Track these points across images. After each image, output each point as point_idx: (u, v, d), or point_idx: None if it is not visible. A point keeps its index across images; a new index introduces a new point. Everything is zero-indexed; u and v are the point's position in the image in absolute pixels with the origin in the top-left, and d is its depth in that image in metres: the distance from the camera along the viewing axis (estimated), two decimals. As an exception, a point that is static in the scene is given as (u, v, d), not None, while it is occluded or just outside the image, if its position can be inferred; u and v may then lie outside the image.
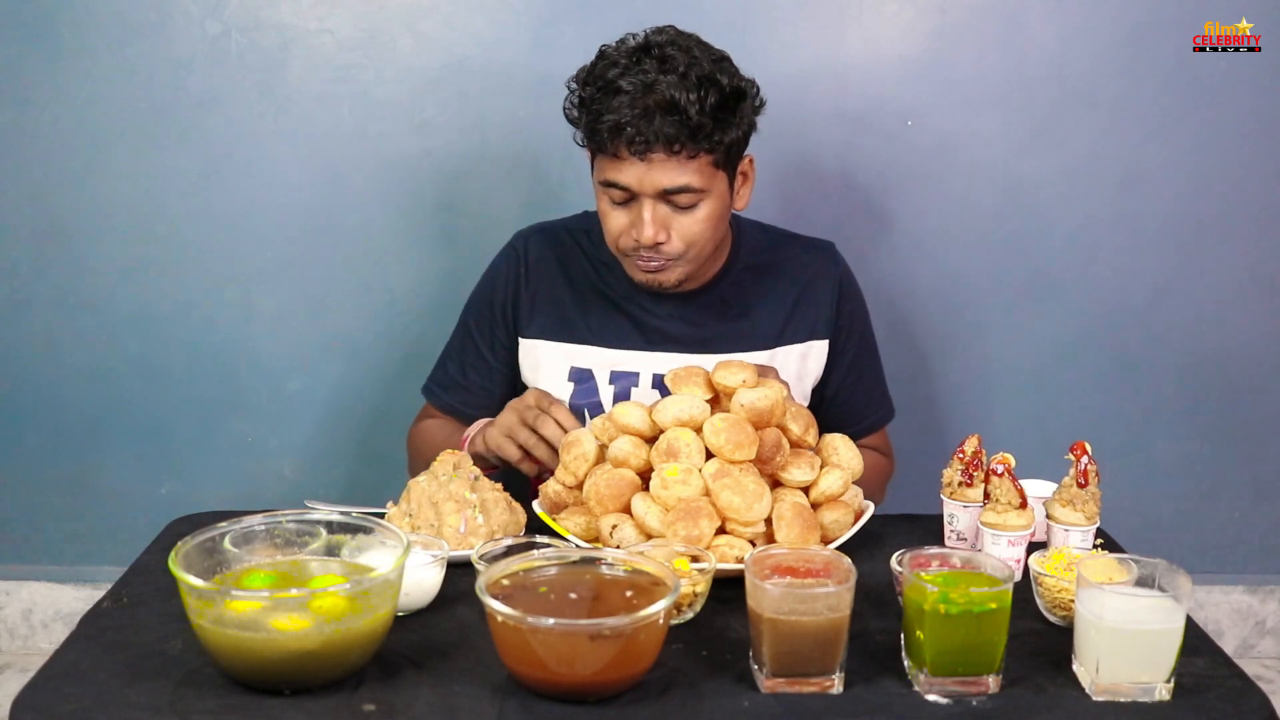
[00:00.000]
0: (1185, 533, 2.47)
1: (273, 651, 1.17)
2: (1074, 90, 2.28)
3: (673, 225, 1.72)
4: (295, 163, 2.31)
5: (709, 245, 1.77)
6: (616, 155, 1.68)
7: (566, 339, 1.88)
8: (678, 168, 1.67)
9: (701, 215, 1.72)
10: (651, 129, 1.63)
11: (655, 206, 1.70)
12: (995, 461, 1.49)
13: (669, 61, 1.66)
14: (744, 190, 1.83)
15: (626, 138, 1.64)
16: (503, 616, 1.17)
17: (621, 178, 1.69)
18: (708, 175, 1.70)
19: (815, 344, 1.91)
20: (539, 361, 1.90)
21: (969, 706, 1.21)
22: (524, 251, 1.92)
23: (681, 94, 1.63)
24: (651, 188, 1.68)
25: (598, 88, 1.67)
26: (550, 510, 1.60)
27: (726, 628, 1.35)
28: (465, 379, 1.94)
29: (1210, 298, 2.38)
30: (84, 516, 2.47)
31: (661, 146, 1.65)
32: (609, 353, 1.88)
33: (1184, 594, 1.23)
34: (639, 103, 1.63)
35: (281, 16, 2.25)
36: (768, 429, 1.53)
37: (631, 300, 1.88)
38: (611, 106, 1.64)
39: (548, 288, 1.90)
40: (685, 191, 1.69)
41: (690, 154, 1.67)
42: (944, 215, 2.34)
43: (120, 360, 2.39)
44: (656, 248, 1.73)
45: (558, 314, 1.89)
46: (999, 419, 2.40)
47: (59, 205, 2.32)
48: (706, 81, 1.65)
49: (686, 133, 1.64)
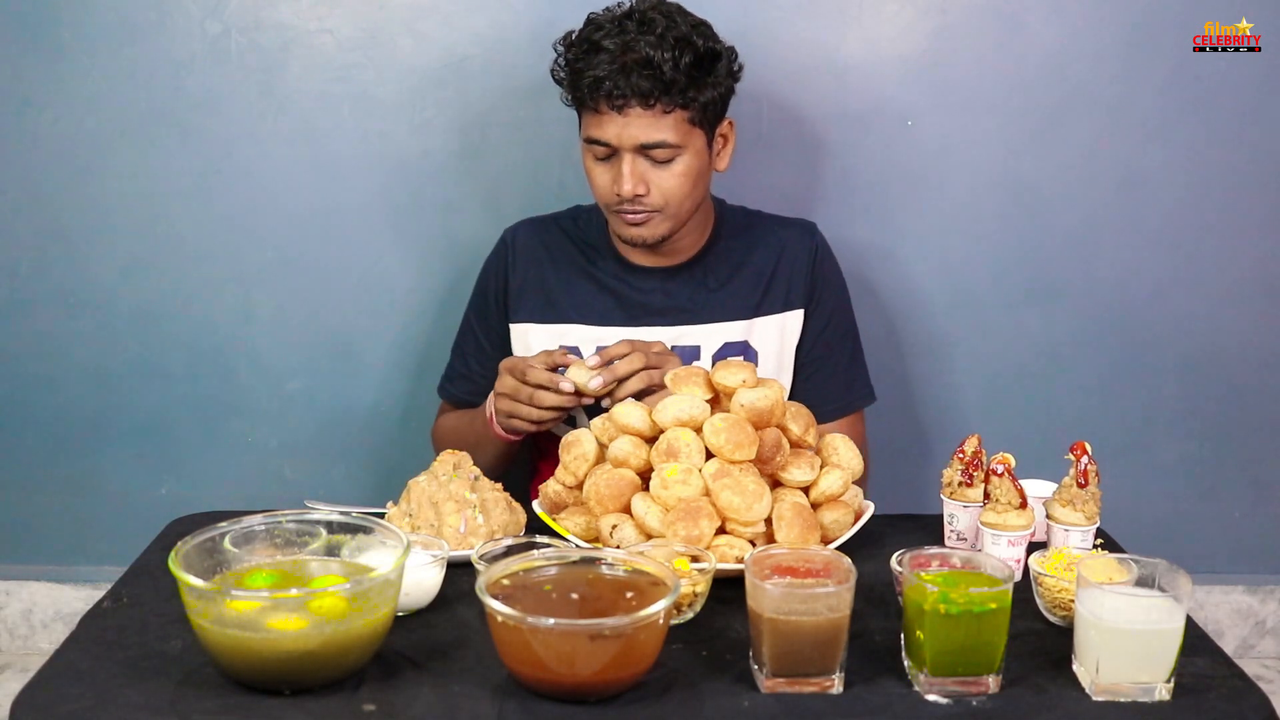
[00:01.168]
0: (1185, 533, 2.46)
1: (272, 651, 1.17)
2: (1074, 90, 2.28)
3: (651, 179, 1.81)
4: (295, 163, 2.31)
5: (688, 201, 1.85)
6: (597, 110, 1.79)
7: (553, 319, 1.97)
8: (653, 122, 1.77)
9: (679, 170, 1.81)
10: (628, 84, 1.74)
11: (634, 160, 1.80)
12: (995, 461, 1.49)
13: (649, 24, 1.77)
14: (724, 152, 1.91)
15: (605, 92, 1.75)
16: (503, 616, 1.17)
17: (602, 133, 1.79)
18: (683, 131, 1.80)
19: (791, 314, 1.97)
20: (530, 344, 1.96)
21: (969, 706, 1.21)
22: (511, 242, 2.03)
23: (657, 52, 1.74)
24: (630, 142, 1.78)
25: (582, 49, 1.79)
26: (550, 510, 1.60)
27: (726, 628, 1.36)
28: (469, 370, 2.04)
29: (1210, 298, 2.38)
30: (84, 516, 2.46)
31: (637, 101, 1.75)
32: (594, 330, 1.95)
33: (1184, 594, 1.24)
34: (618, 60, 1.75)
35: (281, 16, 2.25)
36: (768, 429, 1.53)
37: (616, 279, 1.96)
38: (593, 64, 1.76)
39: (535, 273, 1.99)
40: (661, 146, 1.79)
41: (665, 109, 1.77)
42: (944, 215, 2.34)
43: (120, 360, 2.38)
44: (637, 200, 1.81)
45: (544, 297, 1.98)
46: (999, 419, 2.39)
47: (59, 205, 2.32)
48: (682, 42, 1.76)
49: (660, 87, 1.75)
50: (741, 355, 1.93)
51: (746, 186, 2.28)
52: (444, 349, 2.19)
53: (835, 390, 1.99)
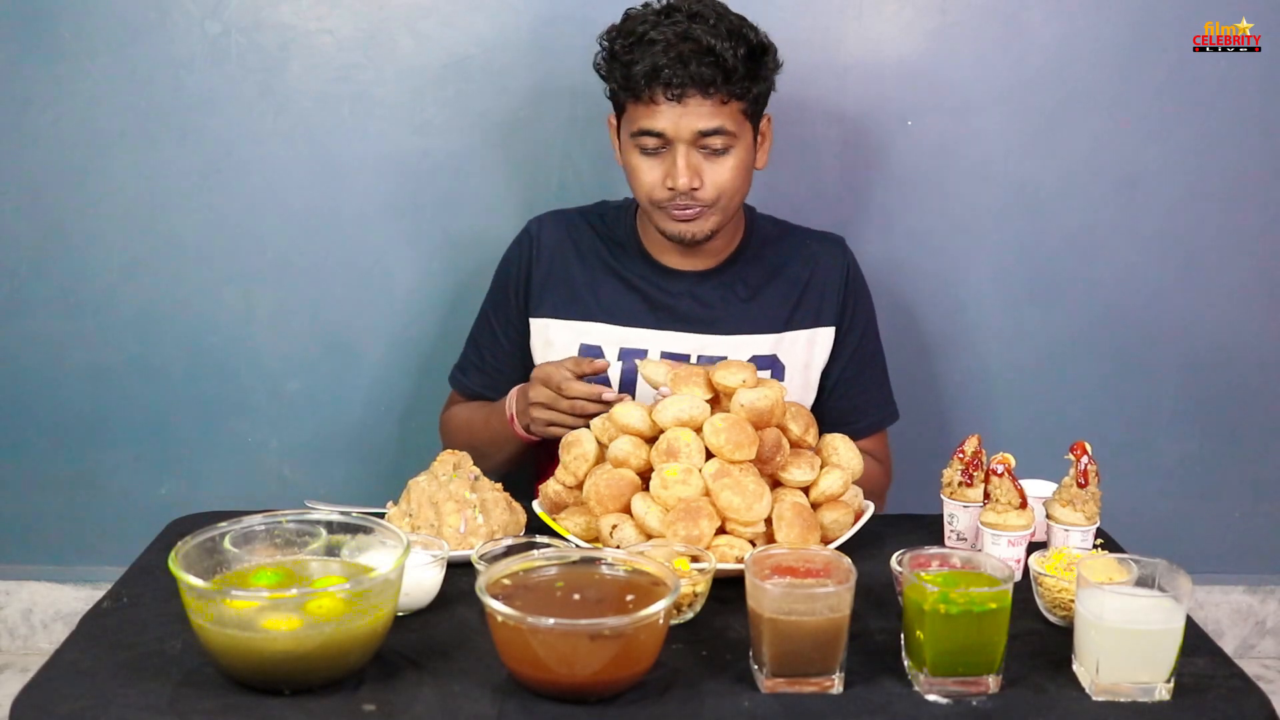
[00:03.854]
0: (1185, 533, 2.46)
1: (272, 652, 1.17)
2: (1074, 90, 2.28)
3: (705, 172, 1.77)
4: (295, 163, 2.31)
5: (738, 196, 1.83)
6: (652, 101, 1.74)
7: (577, 316, 1.92)
8: (712, 110, 1.74)
9: (732, 163, 1.78)
10: (687, 72, 1.71)
11: (689, 152, 1.76)
12: (995, 461, 1.49)
13: (700, 15, 1.74)
14: (763, 149, 1.89)
15: (663, 80, 1.71)
16: (503, 616, 1.17)
17: (656, 123, 1.74)
18: (738, 122, 1.78)
19: (821, 331, 1.93)
20: (550, 340, 1.93)
21: (969, 706, 1.21)
22: (536, 234, 1.98)
23: (716, 40, 1.72)
24: (687, 131, 1.74)
25: (629, 40, 1.75)
26: (550, 510, 1.60)
27: (726, 628, 1.35)
28: (483, 362, 2.00)
29: (1210, 297, 2.38)
30: (84, 516, 2.46)
31: (697, 90, 1.72)
32: (618, 330, 1.91)
33: (1184, 594, 1.24)
34: (674, 48, 1.71)
35: (281, 16, 2.25)
36: (768, 429, 1.53)
37: (643, 279, 1.92)
38: (647, 53, 1.72)
39: (560, 268, 1.95)
40: (719, 134, 1.75)
41: (724, 98, 1.74)
42: (944, 215, 2.34)
43: (120, 360, 2.38)
44: (691, 194, 1.77)
45: (569, 293, 1.93)
46: (999, 419, 2.39)
47: (59, 205, 2.32)
48: (736, 33, 1.74)
49: (722, 75, 1.72)
50: (769, 370, 1.90)
51: (746, 186, 2.29)
52: (444, 349, 2.19)
53: (867, 408, 1.97)
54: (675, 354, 1.89)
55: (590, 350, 1.91)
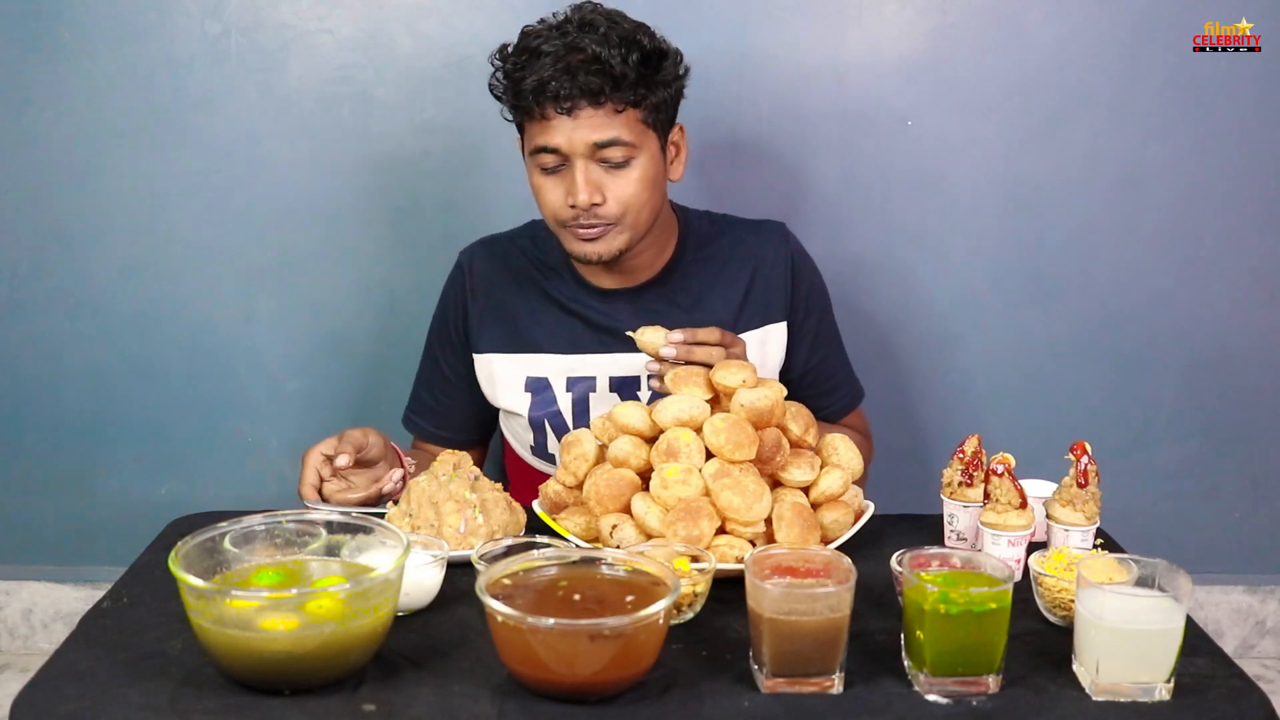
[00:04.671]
0: (1185, 533, 2.47)
1: (272, 652, 1.17)
2: (1074, 90, 2.28)
3: (606, 186, 1.70)
4: (295, 163, 2.31)
5: (645, 210, 1.74)
6: (544, 116, 1.68)
7: (519, 349, 1.87)
8: (604, 121, 1.67)
9: (635, 175, 1.71)
10: (576, 84, 1.64)
11: (587, 167, 1.69)
12: (995, 461, 1.49)
13: (590, 25, 1.68)
14: (677, 162, 1.81)
15: (551, 93, 1.65)
16: (503, 616, 1.17)
17: (550, 139, 1.68)
18: (638, 132, 1.70)
19: (773, 328, 1.88)
20: (494, 375, 1.88)
21: (969, 706, 1.21)
22: (469, 267, 1.92)
23: (604, 49, 1.65)
24: (581, 145, 1.67)
25: (520, 57, 1.69)
26: (550, 510, 1.60)
27: (726, 628, 1.35)
28: (436, 403, 1.95)
29: (1210, 298, 2.38)
30: (84, 516, 2.47)
31: (586, 100, 1.65)
32: (563, 359, 1.86)
33: (1184, 594, 1.23)
34: (561, 60, 1.65)
35: (281, 16, 2.25)
36: (768, 429, 1.53)
37: (581, 301, 1.86)
38: (535, 68, 1.66)
39: (496, 300, 1.89)
40: (615, 144, 1.68)
41: (617, 107, 1.67)
42: (944, 215, 2.34)
43: (120, 360, 2.39)
44: (593, 210, 1.70)
45: (509, 326, 1.87)
46: (999, 419, 2.40)
47: (59, 205, 2.32)
48: (628, 40, 1.68)
49: (610, 83, 1.65)
50: None
51: (746, 187, 2.29)
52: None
53: (837, 392, 1.96)
54: (625, 377, 1.85)
55: (537, 382, 1.86)
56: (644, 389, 1.85)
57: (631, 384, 1.86)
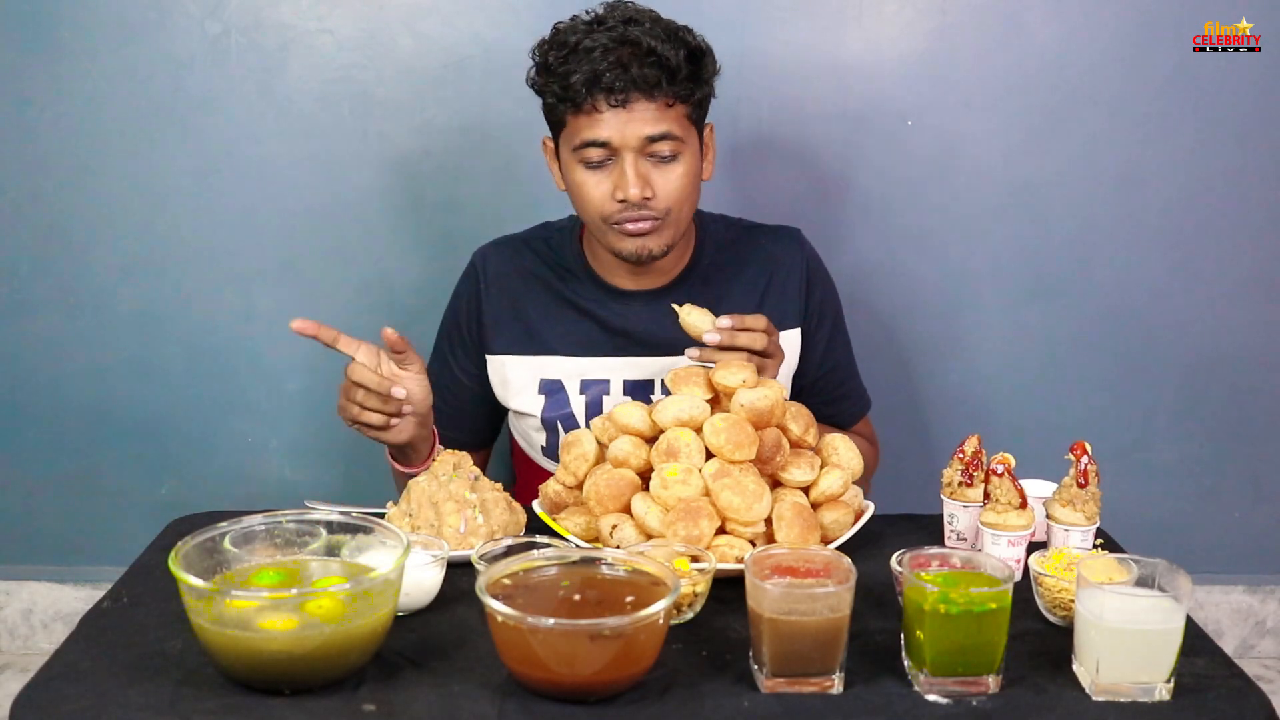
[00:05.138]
0: (1185, 533, 2.46)
1: (272, 652, 1.17)
2: (1074, 90, 2.28)
3: (654, 181, 1.70)
4: (295, 163, 2.31)
5: (688, 206, 1.75)
6: (594, 109, 1.66)
7: (534, 351, 1.86)
8: (657, 114, 1.67)
9: (682, 170, 1.71)
10: (629, 75, 1.64)
11: (637, 160, 1.68)
12: (995, 461, 1.49)
13: (633, 20, 1.68)
14: (708, 160, 1.81)
15: (605, 85, 1.64)
16: (503, 616, 1.17)
17: (601, 132, 1.67)
18: (685, 127, 1.70)
19: (787, 334, 1.87)
20: (507, 377, 1.88)
21: (969, 706, 1.21)
22: (483, 268, 1.91)
23: (656, 42, 1.65)
24: (633, 138, 1.67)
25: (563, 51, 1.67)
26: (550, 510, 1.60)
27: (726, 628, 1.35)
28: (444, 403, 1.92)
29: (1210, 298, 2.38)
30: (84, 516, 2.46)
31: (641, 93, 1.65)
32: (578, 361, 1.85)
33: (1184, 594, 1.23)
34: (613, 53, 1.64)
35: (281, 16, 2.25)
36: (768, 429, 1.53)
37: (597, 303, 1.85)
38: (585, 61, 1.64)
39: (510, 302, 1.88)
40: (666, 139, 1.68)
41: (668, 101, 1.67)
42: (944, 215, 2.34)
43: (120, 360, 2.38)
44: (644, 204, 1.69)
45: (523, 327, 1.86)
46: (999, 419, 2.39)
47: (59, 205, 2.32)
48: (674, 34, 1.68)
49: (666, 75, 1.65)
50: None
51: (746, 188, 2.29)
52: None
53: (847, 400, 1.97)
54: (638, 380, 1.85)
55: (550, 384, 1.86)
56: (658, 393, 1.85)
57: (646, 387, 1.85)
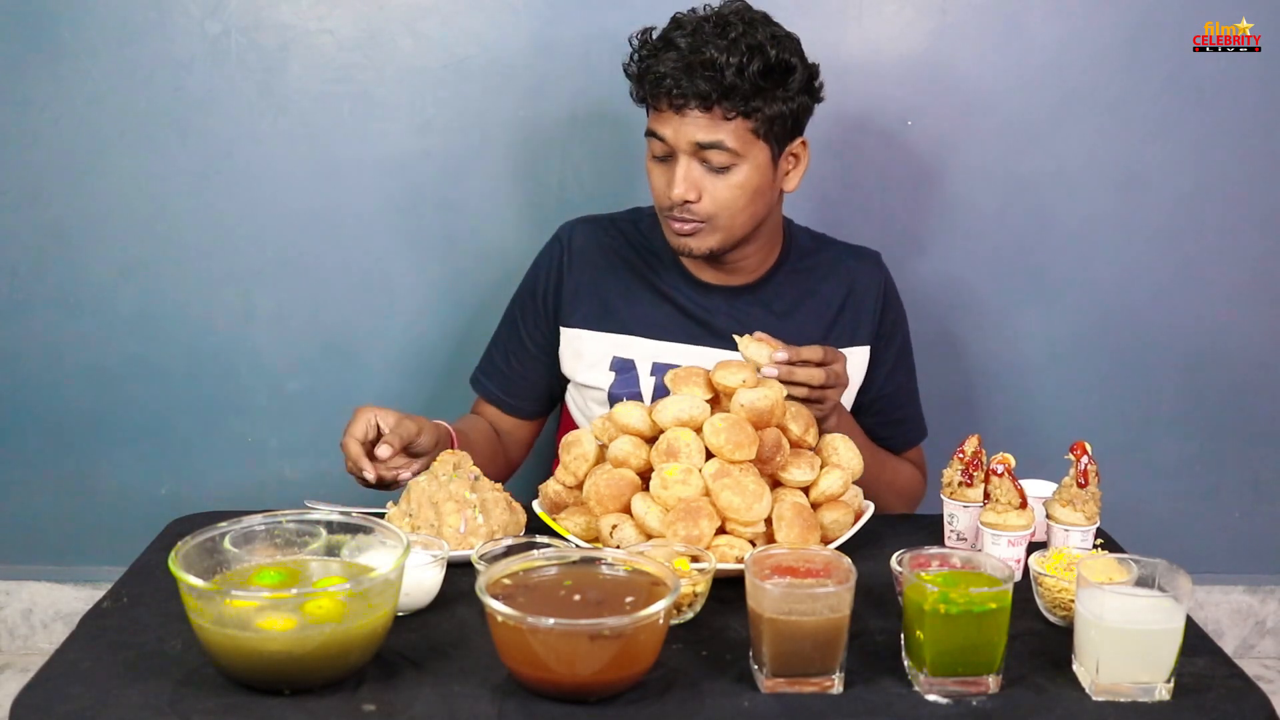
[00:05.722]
0: (1185, 533, 2.46)
1: (272, 652, 1.17)
2: (1074, 90, 2.28)
3: (705, 186, 1.74)
4: (295, 163, 2.31)
5: (742, 215, 1.78)
6: (658, 108, 1.74)
7: (609, 328, 1.90)
8: (711, 124, 1.71)
9: (735, 180, 1.74)
10: (689, 84, 1.69)
11: (689, 164, 1.74)
12: (995, 461, 1.49)
13: (725, 28, 1.71)
14: (795, 173, 1.84)
15: (666, 89, 1.71)
16: (503, 616, 1.17)
17: (661, 129, 1.74)
18: (744, 140, 1.73)
19: (857, 350, 1.91)
20: (581, 351, 1.91)
21: (969, 706, 1.21)
22: (568, 241, 1.95)
23: (723, 55, 1.68)
24: (685, 142, 1.72)
25: (655, 45, 1.74)
26: (550, 510, 1.60)
27: (726, 628, 1.35)
28: (509, 367, 1.97)
29: (1210, 298, 2.38)
30: (84, 516, 2.46)
31: (696, 102, 1.70)
32: (652, 344, 1.89)
33: (1184, 594, 1.24)
34: (685, 59, 1.69)
35: (281, 16, 2.25)
36: (768, 429, 1.53)
37: (678, 291, 1.89)
38: (662, 60, 1.71)
39: (592, 277, 1.92)
40: (717, 149, 1.72)
41: (725, 114, 1.71)
42: (944, 215, 2.34)
43: (120, 360, 2.38)
44: (687, 207, 1.75)
45: (601, 303, 1.91)
46: (999, 419, 2.39)
47: (59, 205, 2.32)
48: (754, 49, 1.70)
49: (720, 91, 1.69)
50: None
51: (746, 186, 2.28)
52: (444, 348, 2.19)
53: (902, 426, 1.98)
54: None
55: (623, 363, 1.88)
56: None
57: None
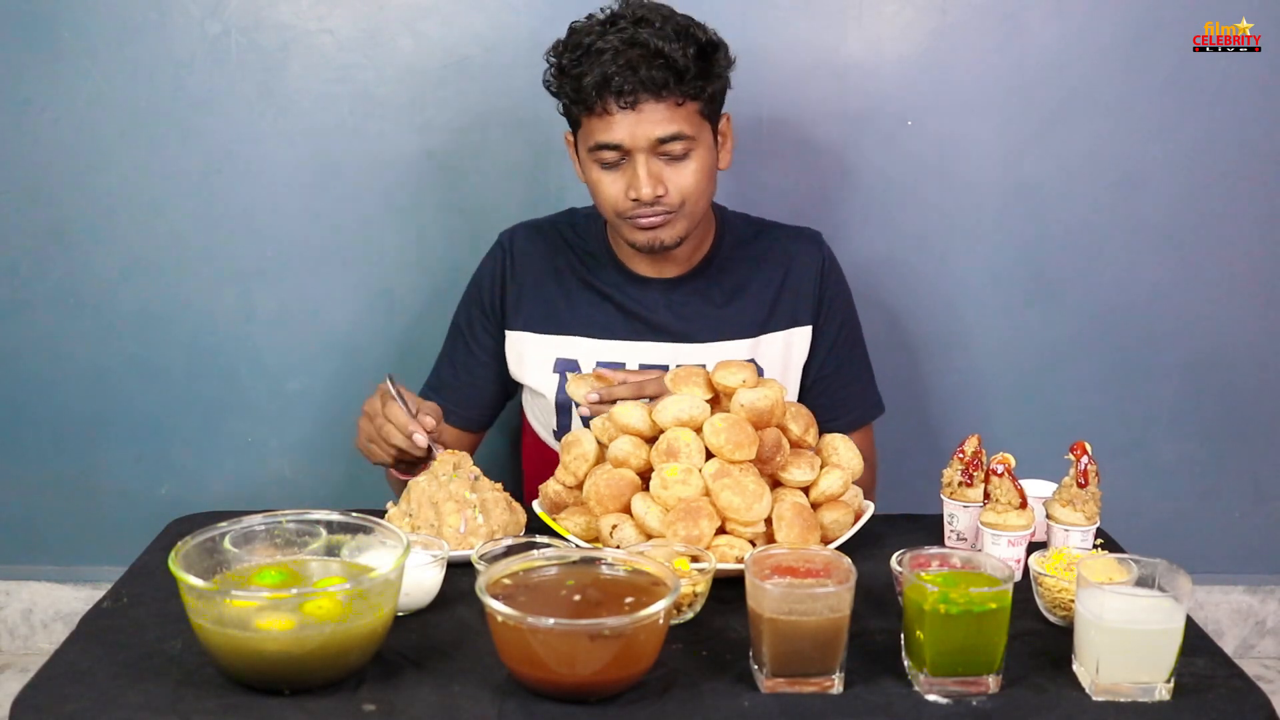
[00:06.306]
0: (1185, 533, 2.46)
1: (272, 652, 1.17)
2: (1074, 90, 2.28)
3: (667, 178, 1.74)
4: (295, 163, 2.31)
5: (704, 199, 1.79)
6: (606, 112, 1.70)
7: (552, 330, 1.90)
8: (668, 115, 1.70)
9: (695, 166, 1.74)
10: (638, 77, 1.67)
11: (649, 160, 1.72)
12: (995, 461, 1.49)
13: (644, 20, 1.70)
14: (725, 149, 1.84)
15: (614, 88, 1.67)
16: (503, 616, 1.17)
17: (612, 135, 1.71)
18: (696, 124, 1.73)
19: (798, 330, 1.91)
20: (524, 354, 1.91)
21: (969, 706, 1.21)
22: (509, 247, 1.95)
23: (664, 42, 1.67)
24: (644, 139, 1.70)
25: (576, 53, 1.70)
26: (550, 510, 1.60)
27: (726, 628, 1.36)
28: (456, 379, 1.96)
29: (1210, 298, 2.38)
30: (84, 516, 2.46)
31: (649, 95, 1.68)
32: (595, 343, 1.89)
33: (1184, 594, 1.24)
34: (622, 55, 1.67)
35: (281, 16, 2.25)
36: (768, 429, 1.53)
37: (617, 289, 1.89)
38: (596, 63, 1.67)
39: (534, 281, 1.92)
40: (678, 139, 1.71)
41: (678, 100, 1.70)
42: (944, 215, 2.34)
43: (120, 360, 2.38)
44: (656, 201, 1.73)
45: (544, 306, 1.91)
46: (999, 419, 2.39)
47: (59, 205, 2.32)
48: (683, 32, 1.70)
49: (674, 76, 1.68)
50: None
51: (746, 187, 2.29)
52: (444, 349, 2.17)
53: (847, 405, 1.96)
54: (652, 365, 1.87)
55: (567, 364, 1.89)
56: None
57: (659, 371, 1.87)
